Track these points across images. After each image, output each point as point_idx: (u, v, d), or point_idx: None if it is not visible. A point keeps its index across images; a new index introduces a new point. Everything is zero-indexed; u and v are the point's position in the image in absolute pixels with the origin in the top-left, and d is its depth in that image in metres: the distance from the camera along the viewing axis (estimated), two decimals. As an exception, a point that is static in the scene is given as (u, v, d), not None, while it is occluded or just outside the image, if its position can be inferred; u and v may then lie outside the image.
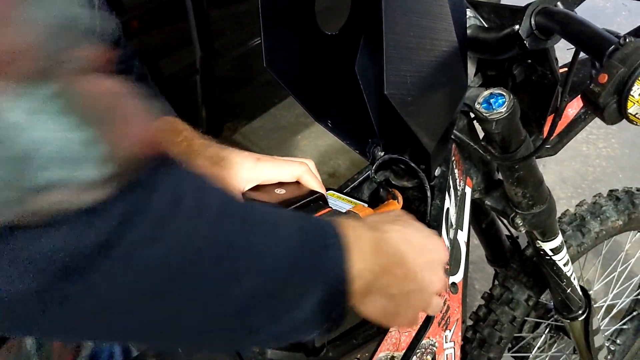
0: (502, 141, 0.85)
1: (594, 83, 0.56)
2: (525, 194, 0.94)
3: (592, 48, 0.60)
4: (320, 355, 0.72)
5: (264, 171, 0.78)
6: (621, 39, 0.57)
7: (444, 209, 0.84)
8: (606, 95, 0.55)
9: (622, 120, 0.58)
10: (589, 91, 0.56)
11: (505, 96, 0.81)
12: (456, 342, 0.90)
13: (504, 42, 0.74)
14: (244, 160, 0.78)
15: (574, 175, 2.56)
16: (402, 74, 0.67)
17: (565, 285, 1.12)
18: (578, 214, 1.29)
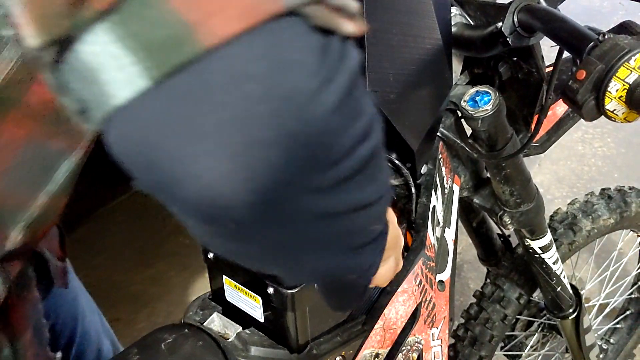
0: (488, 139, 0.85)
1: (573, 80, 0.56)
2: (512, 192, 0.94)
3: (572, 45, 0.60)
4: (303, 352, 0.72)
5: None
6: (600, 35, 0.57)
7: (430, 207, 0.85)
8: (584, 92, 0.55)
9: (600, 117, 0.58)
10: (567, 88, 0.57)
11: (491, 94, 0.81)
12: (443, 339, 0.90)
13: (488, 40, 0.74)
14: None
15: (570, 175, 2.56)
16: (385, 71, 0.67)
17: (555, 283, 1.12)
18: (570, 212, 1.29)
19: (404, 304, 0.79)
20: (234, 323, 0.75)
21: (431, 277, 0.82)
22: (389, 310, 0.77)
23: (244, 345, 0.71)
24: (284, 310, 0.69)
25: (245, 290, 0.73)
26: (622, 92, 0.55)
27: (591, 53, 0.56)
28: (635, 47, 0.54)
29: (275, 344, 0.72)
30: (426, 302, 0.82)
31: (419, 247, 0.80)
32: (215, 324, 0.76)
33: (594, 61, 0.55)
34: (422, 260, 0.80)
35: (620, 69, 0.54)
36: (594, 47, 0.57)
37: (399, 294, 0.78)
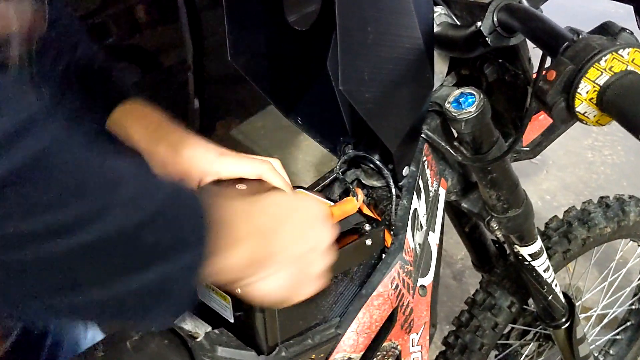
0: (473, 141, 0.83)
1: (543, 80, 0.54)
2: (499, 196, 0.92)
3: (547, 45, 0.58)
4: (272, 354, 0.70)
5: (225, 166, 0.77)
6: (575, 35, 0.55)
7: (411, 210, 0.83)
8: (554, 93, 0.53)
9: (572, 119, 0.56)
10: (538, 89, 0.55)
11: (475, 96, 0.79)
12: (424, 345, 0.88)
13: (470, 40, 0.72)
14: (206, 153, 0.77)
15: (577, 182, 2.52)
16: (359, 69, 0.66)
17: (546, 292, 1.09)
18: (565, 220, 1.26)
19: (379, 307, 0.77)
20: (205, 323, 0.74)
21: (409, 281, 0.80)
22: (363, 314, 0.76)
23: (212, 345, 0.70)
24: (252, 311, 0.68)
25: (217, 290, 0.72)
26: (592, 94, 0.53)
27: (564, 53, 0.54)
28: (607, 48, 0.52)
29: (243, 345, 0.70)
30: (403, 306, 0.80)
31: (397, 250, 0.79)
32: (185, 322, 0.75)
33: (565, 61, 0.53)
34: (399, 264, 0.78)
35: (591, 70, 0.52)
36: (568, 47, 0.55)
37: (374, 297, 0.76)
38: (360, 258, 0.77)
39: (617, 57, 0.53)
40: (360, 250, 0.76)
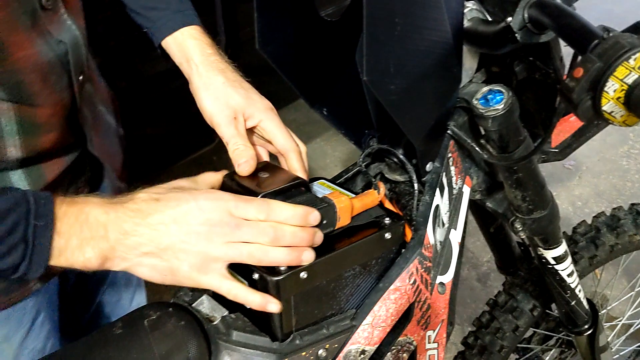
0: (499, 140, 0.82)
1: (570, 77, 0.53)
2: (524, 197, 0.90)
3: (577, 42, 0.57)
4: (286, 341, 0.71)
5: (270, 121, 0.81)
6: (605, 33, 0.54)
7: (433, 206, 0.82)
8: (580, 91, 0.52)
9: (598, 119, 0.54)
10: (564, 85, 0.54)
11: (504, 93, 0.78)
12: (440, 343, 0.88)
13: (499, 36, 0.72)
14: (261, 99, 0.83)
15: (610, 190, 2.47)
16: (385, 61, 0.66)
17: (569, 297, 1.08)
18: (594, 225, 1.24)
19: (396, 302, 0.77)
20: (222, 307, 0.75)
21: (427, 277, 0.80)
22: (379, 307, 0.76)
23: (227, 329, 0.71)
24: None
25: (234, 275, 0.73)
26: (620, 92, 0.51)
27: (592, 51, 0.53)
28: (637, 46, 0.50)
29: (258, 331, 0.71)
30: (420, 302, 0.80)
31: (416, 245, 0.78)
32: (203, 306, 0.76)
33: (593, 59, 0.52)
34: (418, 260, 0.78)
35: (619, 68, 0.50)
36: (597, 45, 0.53)
37: (391, 291, 0.76)
38: (378, 251, 0.77)
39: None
40: (379, 243, 0.76)
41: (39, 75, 0.71)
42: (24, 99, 0.70)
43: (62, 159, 0.81)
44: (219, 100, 0.81)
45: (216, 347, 0.69)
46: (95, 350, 0.68)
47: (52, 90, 0.74)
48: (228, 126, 0.80)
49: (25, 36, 0.68)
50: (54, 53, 0.73)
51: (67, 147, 0.81)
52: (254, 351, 0.69)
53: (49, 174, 0.79)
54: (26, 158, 0.74)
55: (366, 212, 0.77)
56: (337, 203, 0.72)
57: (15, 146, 0.72)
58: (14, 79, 0.68)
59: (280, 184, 0.73)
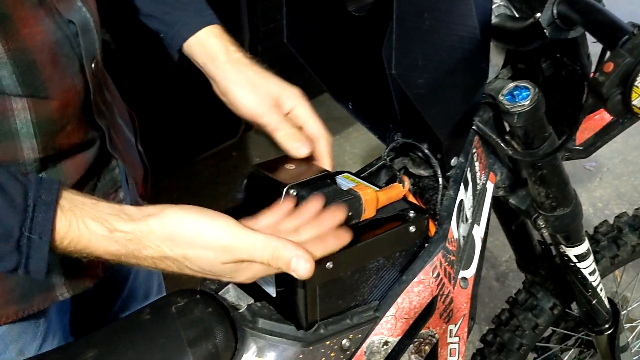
0: (524, 136, 0.83)
1: (599, 72, 0.54)
2: (548, 194, 0.91)
3: (607, 37, 0.58)
4: (310, 330, 0.72)
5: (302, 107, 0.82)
6: (635, 29, 0.54)
7: (457, 201, 0.83)
8: (610, 85, 0.53)
9: (627, 113, 0.55)
10: (593, 80, 0.54)
11: (530, 89, 0.79)
12: (462, 337, 0.88)
13: (527, 32, 0.72)
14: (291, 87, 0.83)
15: (632, 192, 2.45)
16: (413, 55, 0.66)
17: (590, 295, 1.07)
18: (616, 225, 1.24)
19: (419, 294, 0.78)
20: (247, 295, 0.76)
21: (450, 271, 0.81)
22: (403, 299, 0.76)
23: (253, 316, 0.72)
24: (294, 286, 0.70)
25: None
26: (650, 88, 0.52)
27: (623, 46, 0.53)
28: (668, 42, 0.51)
29: (283, 319, 0.72)
30: (443, 296, 0.80)
31: (440, 239, 0.79)
32: (229, 294, 0.77)
33: (623, 54, 0.52)
34: (441, 253, 0.79)
35: (650, 64, 0.51)
36: (627, 40, 0.54)
37: (414, 284, 0.77)
38: (402, 244, 0.77)
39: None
40: (403, 236, 0.77)
41: (49, 56, 0.68)
42: (37, 88, 0.68)
43: (82, 157, 0.78)
44: (256, 90, 0.81)
45: (242, 334, 0.71)
46: (123, 335, 0.69)
47: (64, 74, 0.71)
48: (272, 113, 0.80)
49: (32, 12, 0.66)
50: (63, 33, 0.70)
51: (85, 143, 0.79)
52: (280, 339, 0.70)
53: (70, 178, 0.76)
54: (44, 159, 0.72)
55: (391, 206, 0.78)
56: (363, 195, 0.72)
57: (32, 148, 0.70)
58: (25, 58, 0.66)
59: (307, 176, 0.75)
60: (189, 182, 2.65)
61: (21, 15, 0.64)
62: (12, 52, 0.64)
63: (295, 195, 0.72)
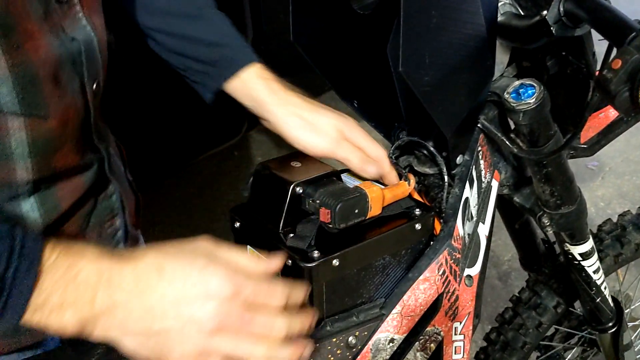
0: (530, 134, 0.83)
1: (607, 69, 0.54)
2: (553, 192, 0.91)
3: (614, 34, 0.58)
4: (317, 327, 0.72)
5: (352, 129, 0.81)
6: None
7: (462, 199, 0.83)
8: (618, 82, 0.53)
9: (635, 110, 0.55)
10: (601, 77, 0.54)
11: (535, 87, 0.79)
12: (467, 335, 0.89)
13: (533, 30, 0.72)
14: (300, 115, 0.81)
15: (634, 191, 2.45)
16: (420, 52, 0.67)
17: (594, 293, 1.08)
18: (619, 224, 1.24)
19: (425, 292, 0.78)
20: (254, 293, 0.76)
21: (456, 268, 0.81)
22: (409, 296, 0.77)
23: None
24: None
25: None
26: (658, 84, 0.52)
27: (630, 43, 0.54)
28: (676, 38, 0.51)
29: (290, 317, 0.72)
30: (449, 293, 0.81)
31: (446, 237, 0.79)
32: (236, 292, 0.78)
33: (631, 51, 0.53)
34: (447, 251, 0.79)
35: (658, 60, 0.51)
36: (635, 37, 0.54)
37: (420, 281, 0.77)
38: (408, 241, 0.78)
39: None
40: (409, 233, 0.77)
41: (50, 72, 0.65)
42: (36, 106, 0.64)
43: (78, 180, 0.73)
44: (318, 130, 0.80)
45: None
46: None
47: (64, 93, 0.68)
48: (342, 147, 0.79)
49: (37, 26, 0.63)
50: (66, 50, 0.67)
51: (82, 166, 0.74)
52: (286, 336, 0.70)
53: (64, 202, 0.71)
54: (38, 180, 0.68)
55: (396, 203, 0.78)
56: (369, 193, 0.73)
57: (26, 169, 0.66)
58: (28, 73, 0.62)
59: (313, 174, 0.75)
60: (191, 181, 2.66)
61: (27, 28, 0.62)
62: (14, 67, 0.61)
63: (301, 192, 0.72)
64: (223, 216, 2.56)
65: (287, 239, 0.71)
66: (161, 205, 2.54)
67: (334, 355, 0.73)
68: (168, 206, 2.55)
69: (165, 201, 2.57)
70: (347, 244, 0.72)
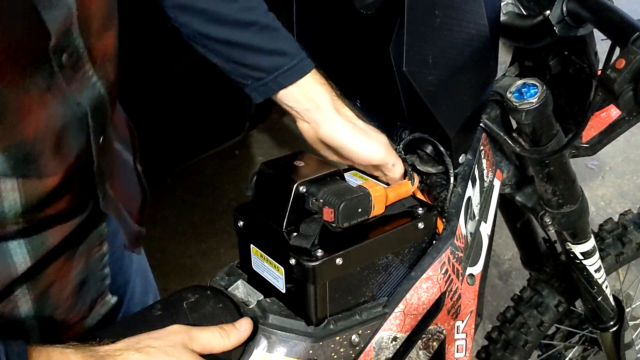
0: (532, 133, 0.83)
1: (611, 69, 0.54)
2: (555, 191, 0.91)
3: (617, 34, 0.58)
4: (320, 325, 0.72)
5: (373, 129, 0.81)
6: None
7: (465, 198, 0.83)
8: (622, 82, 0.53)
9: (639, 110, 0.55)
10: (605, 77, 0.55)
11: (538, 87, 0.79)
12: (469, 334, 0.89)
13: (536, 29, 0.73)
14: (353, 123, 0.81)
15: (634, 190, 2.45)
16: (424, 52, 0.67)
17: (595, 292, 1.08)
18: (621, 223, 1.24)
19: (428, 291, 0.78)
20: (257, 291, 0.77)
21: (459, 267, 0.81)
22: (411, 295, 0.77)
23: (263, 312, 0.72)
24: (304, 282, 0.70)
25: (270, 260, 0.75)
26: (661, 84, 0.52)
27: (635, 43, 0.54)
28: (680, 39, 0.51)
29: (293, 315, 0.73)
30: (451, 292, 0.81)
31: (449, 236, 0.80)
32: (239, 290, 0.78)
33: (635, 50, 0.53)
34: (450, 250, 0.79)
35: (661, 60, 0.51)
36: (638, 37, 0.54)
37: (422, 280, 0.78)
38: (411, 240, 0.78)
39: (688, 49, 0.53)
40: (412, 232, 0.77)
41: (52, 142, 0.61)
42: (31, 172, 0.61)
43: (70, 223, 0.71)
44: (371, 137, 0.81)
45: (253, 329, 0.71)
46: (136, 330, 0.70)
47: (66, 156, 0.64)
48: (390, 154, 0.81)
49: (37, 98, 0.58)
50: (72, 115, 0.63)
51: (77, 209, 0.71)
52: (290, 334, 0.71)
53: (53, 240, 0.69)
54: (28, 228, 0.65)
55: (399, 202, 0.79)
56: (373, 192, 0.73)
57: (17, 223, 0.63)
58: (22, 152, 0.58)
59: (316, 173, 0.75)
60: (192, 180, 2.66)
61: (25, 104, 0.57)
62: (6, 148, 0.57)
63: (304, 191, 0.73)
64: (224, 215, 2.57)
65: (290, 238, 0.72)
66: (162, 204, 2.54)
67: (337, 354, 0.73)
68: (169, 205, 2.55)
69: (167, 200, 2.57)
70: (351, 242, 0.72)
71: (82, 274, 0.75)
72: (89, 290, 0.78)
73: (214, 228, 2.46)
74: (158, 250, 2.34)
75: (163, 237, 2.41)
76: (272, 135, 2.82)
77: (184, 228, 2.47)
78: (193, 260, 2.33)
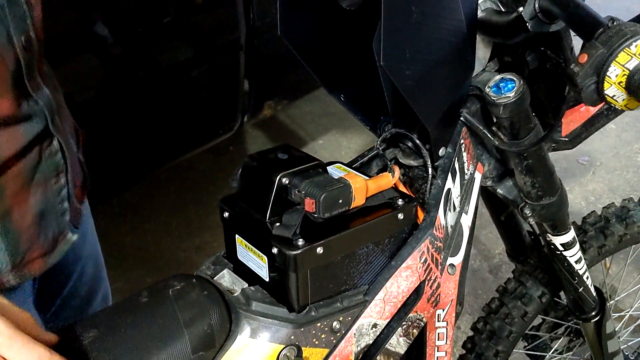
0: (510, 127, 0.85)
1: (575, 63, 0.56)
2: (534, 183, 0.93)
3: (584, 30, 0.61)
4: (302, 312, 0.75)
5: None
6: (610, 21, 0.57)
7: (444, 190, 0.86)
8: (584, 76, 0.55)
9: (601, 102, 0.58)
10: (569, 70, 0.57)
11: (515, 82, 0.81)
12: (449, 322, 0.91)
13: (512, 25, 0.75)
14: None
15: (624, 185, 2.48)
16: (401, 47, 0.69)
17: (577, 283, 1.10)
18: (603, 216, 1.26)
19: (407, 279, 0.80)
20: (242, 280, 0.79)
21: (438, 257, 0.83)
22: (391, 283, 0.79)
23: (247, 300, 0.75)
24: (286, 270, 0.73)
25: (254, 250, 0.77)
26: (622, 77, 0.55)
27: (597, 38, 0.56)
28: (639, 33, 0.53)
29: (276, 302, 0.75)
30: (430, 280, 0.83)
31: (428, 226, 0.82)
32: (224, 279, 0.81)
33: (597, 45, 0.55)
34: (429, 240, 0.82)
35: (621, 54, 0.54)
36: (602, 32, 0.57)
37: (402, 269, 0.80)
38: (391, 230, 0.80)
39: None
40: (392, 223, 0.80)
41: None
42: None
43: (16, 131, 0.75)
44: None
45: (237, 316, 0.73)
46: (123, 316, 0.72)
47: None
48: None
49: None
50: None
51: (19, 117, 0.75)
52: (272, 320, 0.73)
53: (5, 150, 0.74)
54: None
55: (380, 194, 0.81)
56: (353, 183, 0.75)
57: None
58: None
59: (299, 165, 0.77)
60: (187, 176, 2.68)
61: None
62: None
63: (287, 183, 0.75)
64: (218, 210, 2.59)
65: (273, 228, 0.74)
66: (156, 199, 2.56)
67: (319, 339, 0.75)
68: (163, 200, 2.57)
69: (161, 195, 2.59)
70: (331, 232, 0.74)
71: (41, 204, 0.80)
72: (50, 224, 0.82)
73: (207, 223, 2.48)
74: (152, 245, 2.36)
75: (157, 231, 2.43)
76: (266, 131, 2.85)
77: (178, 223, 2.49)
78: (187, 254, 2.35)
